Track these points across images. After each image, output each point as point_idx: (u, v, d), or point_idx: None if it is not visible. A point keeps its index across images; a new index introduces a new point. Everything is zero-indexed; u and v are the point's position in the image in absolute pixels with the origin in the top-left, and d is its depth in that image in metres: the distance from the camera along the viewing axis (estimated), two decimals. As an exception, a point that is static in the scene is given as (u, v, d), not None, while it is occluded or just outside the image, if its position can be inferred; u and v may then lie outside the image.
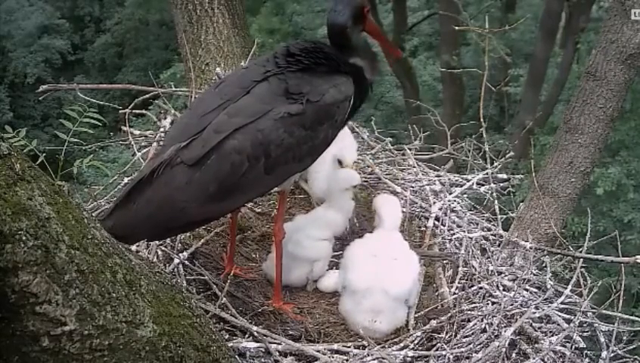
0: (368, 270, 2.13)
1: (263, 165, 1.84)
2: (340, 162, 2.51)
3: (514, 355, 2.07)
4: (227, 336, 1.98)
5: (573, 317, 2.23)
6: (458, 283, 2.32)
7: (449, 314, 2.11)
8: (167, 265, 2.26)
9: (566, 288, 2.37)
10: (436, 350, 2.00)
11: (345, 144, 2.59)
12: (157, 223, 1.81)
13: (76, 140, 2.48)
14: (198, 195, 1.79)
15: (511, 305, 2.18)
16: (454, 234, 2.59)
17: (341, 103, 1.96)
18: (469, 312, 2.15)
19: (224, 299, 2.06)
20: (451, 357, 1.95)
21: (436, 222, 2.64)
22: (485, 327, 2.08)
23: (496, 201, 2.84)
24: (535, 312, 2.20)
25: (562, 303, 2.29)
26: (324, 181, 2.56)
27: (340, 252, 2.36)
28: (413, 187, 2.88)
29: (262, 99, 1.88)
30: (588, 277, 2.43)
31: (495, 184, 2.93)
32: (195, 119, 1.90)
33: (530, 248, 2.59)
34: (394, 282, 2.11)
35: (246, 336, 2.01)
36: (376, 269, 2.13)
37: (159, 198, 1.78)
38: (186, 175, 1.79)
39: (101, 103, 3.54)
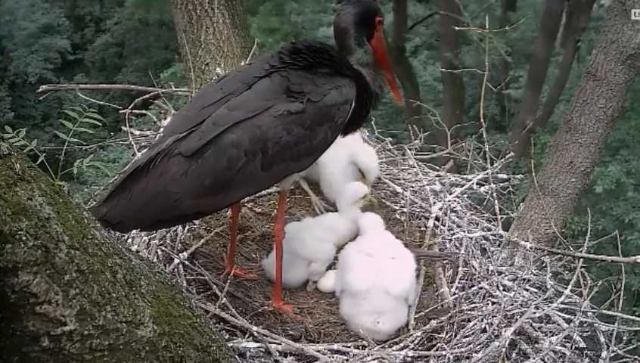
0: (366, 270, 2.13)
1: (260, 161, 1.84)
2: (362, 174, 2.56)
3: (514, 355, 2.07)
4: (227, 336, 1.98)
5: (573, 317, 2.23)
6: (458, 283, 2.32)
7: (449, 314, 2.11)
8: (167, 265, 2.26)
9: (566, 288, 2.37)
10: (436, 350, 1.99)
11: (369, 158, 2.64)
12: (151, 213, 1.81)
13: (76, 140, 2.48)
14: (193, 187, 1.79)
15: (511, 305, 2.18)
16: (454, 234, 2.58)
17: (342, 106, 1.95)
18: (469, 312, 2.15)
19: (224, 299, 2.06)
20: (451, 357, 1.95)
21: (436, 222, 2.64)
22: (485, 327, 2.07)
23: (496, 201, 2.84)
24: (535, 312, 2.20)
25: (562, 303, 2.29)
26: (338, 186, 2.58)
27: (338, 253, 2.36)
28: (413, 187, 2.88)
29: (263, 95, 1.88)
30: (588, 277, 2.43)
31: (495, 184, 2.93)
32: (195, 111, 1.90)
33: (530, 248, 2.59)
34: (394, 281, 2.10)
35: (247, 336, 2.01)
36: (374, 269, 2.13)
37: (154, 188, 1.78)
38: (182, 167, 1.79)
39: (101, 103, 3.56)
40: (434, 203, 2.73)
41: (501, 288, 2.29)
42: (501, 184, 2.99)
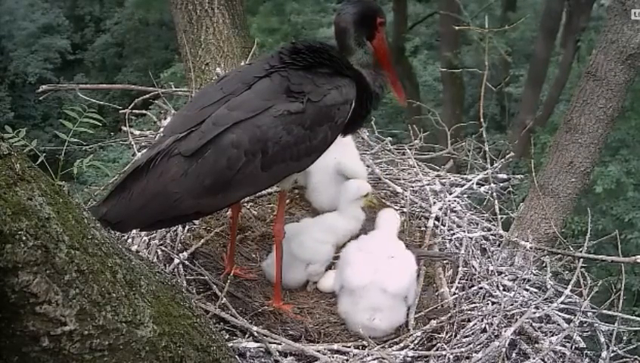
0: (365, 268, 2.13)
1: (260, 161, 1.84)
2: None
3: (514, 355, 2.07)
4: (227, 336, 1.98)
5: (573, 317, 2.23)
6: (458, 283, 2.32)
7: (449, 314, 2.11)
8: (167, 265, 2.26)
9: (566, 288, 2.37)
10: (436, 350, 1.99)
11: (353, 162, 2.62)
12: (150, 213, 1.81)
13: (76, 140, 2.49)
14: (193, 187, 1.79)
15: (511, 305, 2.18)
16: (454, 234, 2.58)
17: (342, 106, 1.95)
18: (469, 312, 2.15)
19: (224, 299, 2.06)
20: (451, 357, 1.95)
21: (436, 222, 2.64)
22: (485, 327, 2.07)
23: (496, 201, 2.84)
24: (535, 312, 2.20)
25: (562, 303, 2.28)
26: (326, 194, 2.57)
27: (338, 253, 2.36)
28: (413, 187, 2.87)
29: (263, 95, 1.88)
30: (588, 277, 2.43)
31: (495, 184, 2.92)
32: (195, 111, 1.90)
33: (530, 248, 2.58)
34: (392, 279, 2.10)
35: (247, 336, 2.01)
36: (373, 266, 2.13)
37: (154, 188, 1.79)
38: (182, 167, 1.79)
39: (101, 103, 3.56)
40: (434, 203, 2.73)
41: (501, 288, 2.29)
42: (501, 184, 2.98)
